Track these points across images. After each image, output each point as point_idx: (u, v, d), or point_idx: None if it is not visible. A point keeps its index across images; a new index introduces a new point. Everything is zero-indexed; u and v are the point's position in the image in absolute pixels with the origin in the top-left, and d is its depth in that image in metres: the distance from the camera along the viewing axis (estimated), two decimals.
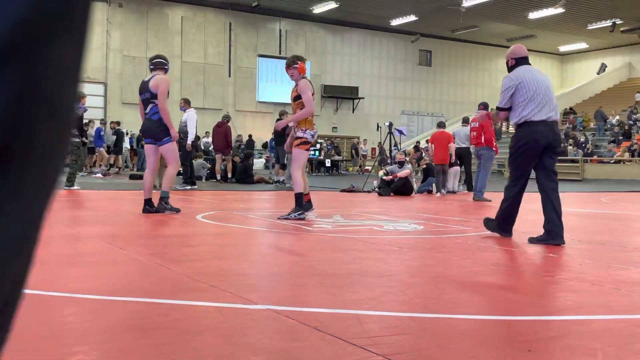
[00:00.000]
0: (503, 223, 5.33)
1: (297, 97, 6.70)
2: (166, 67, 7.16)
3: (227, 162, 15.88)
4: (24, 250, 0.60)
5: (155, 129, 6.90)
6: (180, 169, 14.31)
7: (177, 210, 6.95)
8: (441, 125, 13.72)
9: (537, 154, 5.04)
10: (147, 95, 6.91)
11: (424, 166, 14.29)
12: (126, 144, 22.79)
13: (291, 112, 7.11)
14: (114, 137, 20.11)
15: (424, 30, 34.74)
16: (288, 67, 6.81)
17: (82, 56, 0.59)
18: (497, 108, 5.39)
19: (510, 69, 5.41)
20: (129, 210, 7.60)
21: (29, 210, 0.58)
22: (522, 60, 5.36)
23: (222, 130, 15.36)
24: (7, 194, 0.55)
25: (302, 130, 6.68)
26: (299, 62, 6.76)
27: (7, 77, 0.51)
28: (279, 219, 6.49)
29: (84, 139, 11.86)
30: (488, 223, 5.53)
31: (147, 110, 6.94)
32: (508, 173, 5.54)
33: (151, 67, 7.14)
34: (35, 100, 0.54)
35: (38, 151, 0.57)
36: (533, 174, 5.19)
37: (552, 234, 4.92)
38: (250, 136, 28.47)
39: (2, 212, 0.56)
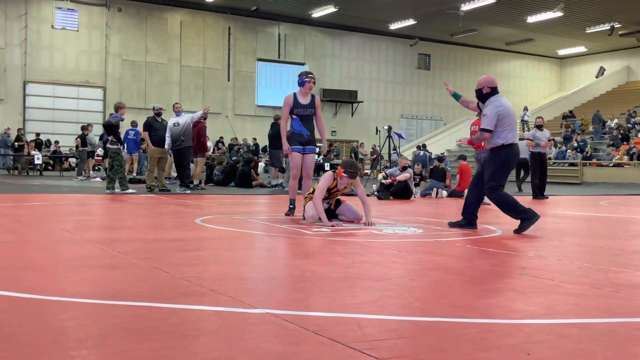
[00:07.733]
0: (523, 212, 5.88)
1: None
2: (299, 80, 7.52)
3: (199, 166, 14.14)
4: None
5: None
6: (175, 173, 14.35)
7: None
8: (464, 158, 14.41)
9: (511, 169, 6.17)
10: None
11: (432, 167, 14.41)
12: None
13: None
14: None
15: (422, 34, 34.81)
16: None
17: None
18: (484, 130, 6.04)
19: (485, 95, 6.12)
20: (128, 214, 7.60)
21: None
22: (495, 90, 6.13)
23: (195, 130, 13.26)
24: None
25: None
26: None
27: None
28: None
29: (120, 146, 12.12)
30: (523, 225, 5.87)
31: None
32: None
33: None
34: None
35: None
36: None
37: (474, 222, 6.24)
38: (255, 140, 28.16)
39: None
